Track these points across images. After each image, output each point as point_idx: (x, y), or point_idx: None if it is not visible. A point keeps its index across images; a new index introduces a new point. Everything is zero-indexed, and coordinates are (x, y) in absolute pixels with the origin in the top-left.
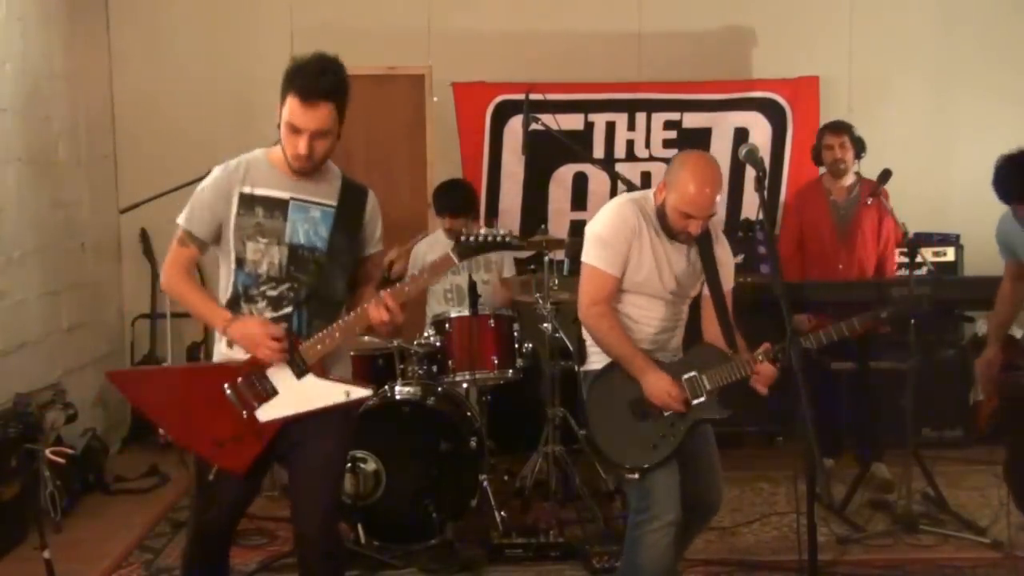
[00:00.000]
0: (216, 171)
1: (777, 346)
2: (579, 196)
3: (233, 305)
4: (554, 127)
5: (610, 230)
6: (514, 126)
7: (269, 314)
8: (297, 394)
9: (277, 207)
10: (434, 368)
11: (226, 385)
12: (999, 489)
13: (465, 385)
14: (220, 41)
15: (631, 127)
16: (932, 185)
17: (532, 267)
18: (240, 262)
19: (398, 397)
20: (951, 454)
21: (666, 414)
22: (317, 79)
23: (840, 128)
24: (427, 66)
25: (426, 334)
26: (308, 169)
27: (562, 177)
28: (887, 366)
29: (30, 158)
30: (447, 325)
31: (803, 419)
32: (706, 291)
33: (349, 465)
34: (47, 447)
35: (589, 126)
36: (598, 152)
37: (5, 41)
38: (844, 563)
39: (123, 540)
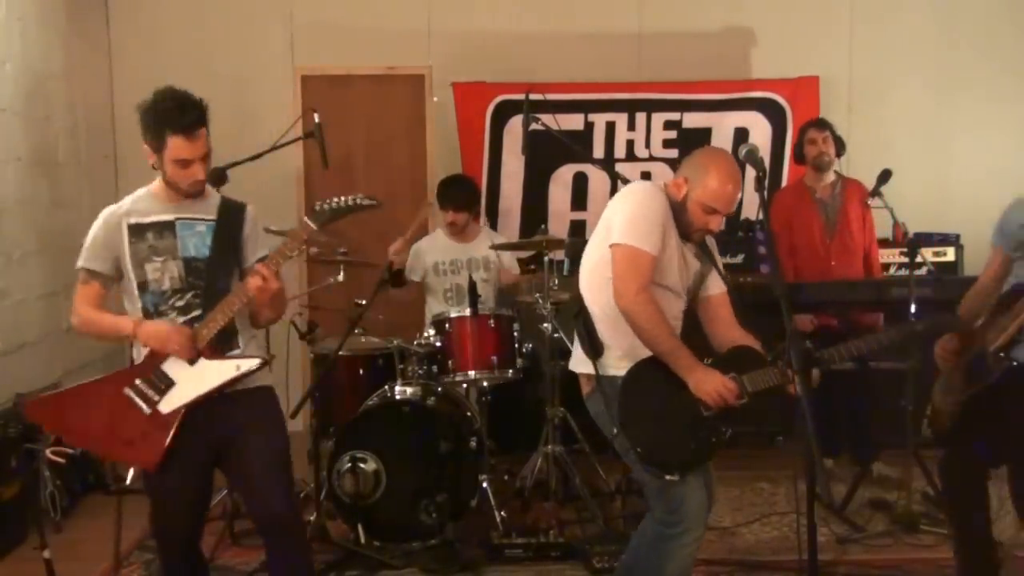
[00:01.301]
0: (102, 213)
1: (779, 346)
2: (579, 196)
3: None
4: (554, 127)
5: (647, 210)
6: (514, 126)
7: (180, 320)
8: (193, 379)
9: (165, 228)
10: (434, 368)
11: (126, 388)
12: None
13: (465, 385)
14: (220, 41)
15: (631, 127)
16: (932, 185)
17: (532, 267)
18: (143, 285)
19: (398, 397)
20: None
21: (706, 414)
22: (190, 114)
23: (824, 124)
24: (427, 66)
25: (426, 334)
26: (202, 189)
27: (562, 177)
28: (887, 366)
29: (30, 158)
30: (447, 325)
31: (803, 419)
32: (712, 292)
33: (349, 465)
34: (47, 447)
35: (589, 126)
36: (598, 152)
37: (5, 41)
38: (844, 563)
39: (123, 540)
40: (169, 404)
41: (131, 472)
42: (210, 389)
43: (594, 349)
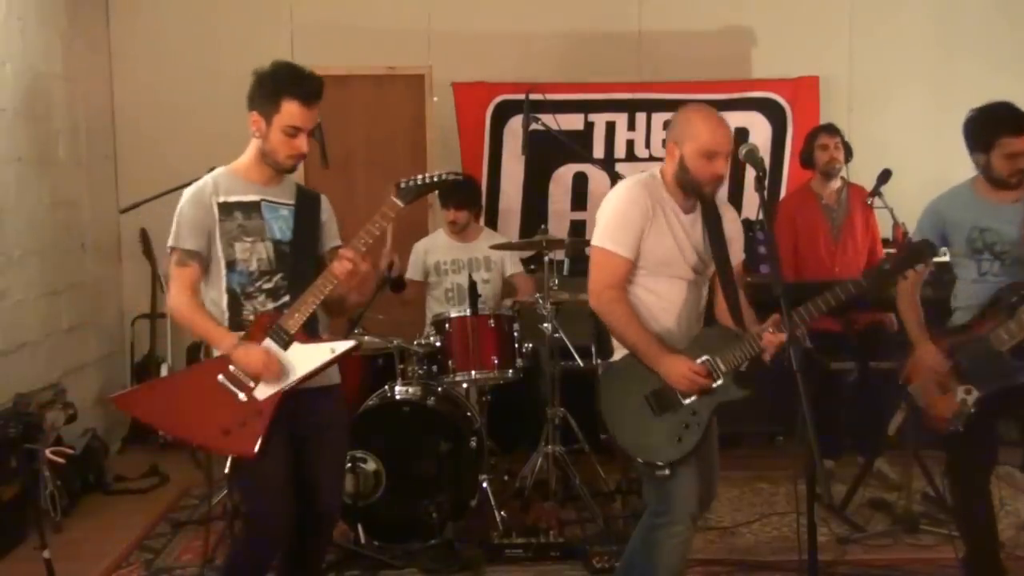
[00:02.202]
0: (187, 192)
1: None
2: (579, 196)
3: (233, 306)
4: (554, 127)
5: (621, 212)
6: (514, 126)
7: (270, 305)
8: (287, 364)
9: (252, 209)
10: (434, 368)
11: (220, 375)
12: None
13: (465, 385)
14: (220, 41)
15: (631, 127)
16: (932, 185)
17: (532, 267)
18: (231, 264)
19: (398, 397)
20: None
21: (686, 402)
22: (312, 82)
23: (835, 129)
24: (427, 66)
25: (426, 334)
26: (298, 165)
27: (562, 177)
28: (887, 366)
29: (30, 158)
30: (447, 325)
31: (803, 419)
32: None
33: (349, 465)
34: (47, 447)
35: (589, 126)
36: (598, 152)
37: (5, 41)
38: (844, 563)
39: (123, 540)
40: (264, 391)
41: (228, 462)
42: (306, 373)
43: (603, 349)
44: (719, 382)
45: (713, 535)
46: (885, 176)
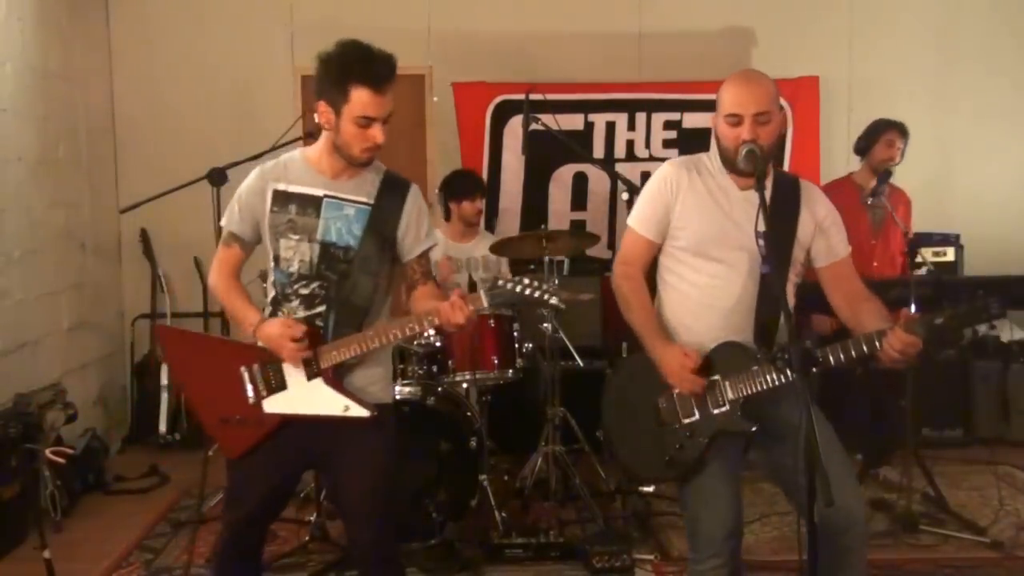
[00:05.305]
0: (254, 171)
1: (777, 348)
2: (579, 196)
3: (275, 305)
4: (554, 127)
5: (647, 190)
6: (514, 126)
7: (302, 312)
8: (302, 395)
9: (311, 203)
10: (434, 368)
11: (243, 367)
12: (999, 489)
13: (465, 385)
14: (220, 41)
15: (631, 127)
16: (932, 185)
17: (532, 267)
18: (276, 260)
19: (398, 397)
20: (951, 454)
21: (685, 421)
22: (381, 65)
23: (906, 132)
24: (427, 66)
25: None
26: (374, 157)
27: (562, 177)
28: (887, 366)
29: (30, 158)
30: None
31: (803, 419)
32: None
33: None
34: (47, 447)
35: (589, 126)
36: (598, 152)
37: (5, 41)
38: None
39: (123, 540)
40: (272, 406)
41: (213, 447)
42: (311, 414)
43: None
44: (722, 408)
45: None
46: (885, 176)
